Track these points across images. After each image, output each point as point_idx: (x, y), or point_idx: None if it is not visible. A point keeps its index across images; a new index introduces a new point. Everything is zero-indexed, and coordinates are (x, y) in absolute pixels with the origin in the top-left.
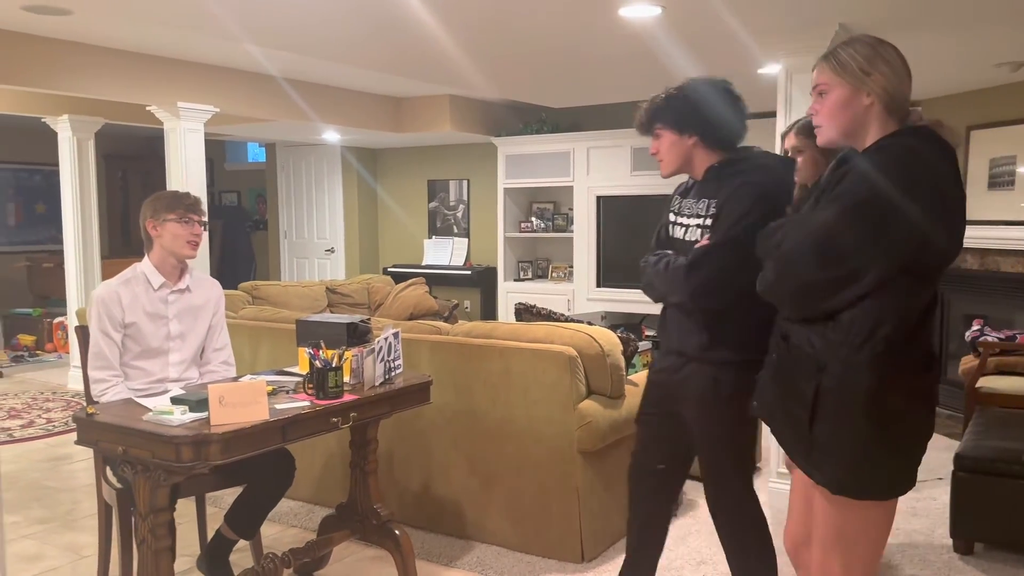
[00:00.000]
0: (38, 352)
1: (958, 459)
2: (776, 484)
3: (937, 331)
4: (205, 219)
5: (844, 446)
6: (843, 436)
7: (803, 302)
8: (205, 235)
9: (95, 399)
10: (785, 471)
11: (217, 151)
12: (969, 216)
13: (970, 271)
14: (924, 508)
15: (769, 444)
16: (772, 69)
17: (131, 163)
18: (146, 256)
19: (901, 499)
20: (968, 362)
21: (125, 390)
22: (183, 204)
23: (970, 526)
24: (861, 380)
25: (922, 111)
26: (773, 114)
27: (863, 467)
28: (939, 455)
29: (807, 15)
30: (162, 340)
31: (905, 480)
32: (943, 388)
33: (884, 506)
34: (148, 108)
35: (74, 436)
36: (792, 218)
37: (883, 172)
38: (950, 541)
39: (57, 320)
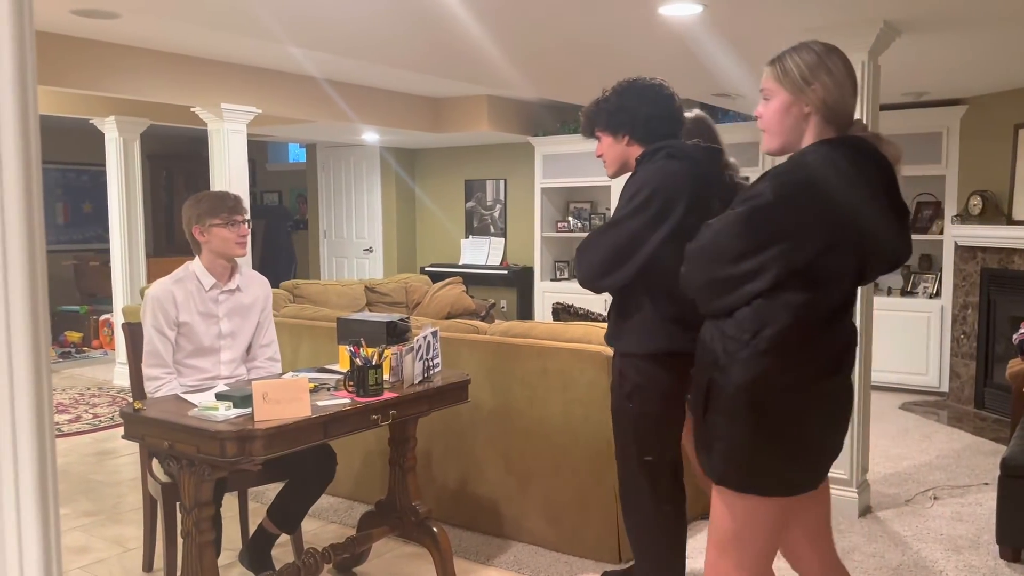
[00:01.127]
0: (85, 349)
1: (1005, 464)
2: None
3: (844, 336)
4: (248, 216)
5: (727, 438)
6: (727, 428)
7: (708, 296)
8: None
9: (149, 395)
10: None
11: (259, 151)
12: (1018, 216)
13: (1018, 272)
14: (969, 514)
15: None
16: None
17: (175, 163)
18: (196, 258)
19: (946, 504)
20: (1016, 365)
21: (178, 387)
22: (226, 207)
23: (1017, 532)
24: (740, 374)
25: (867, 124)
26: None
27: (743, 461)
28: (985, 460)
29: (851, 12)
30: (213, 339)
31: (791, 483)
32: (989, 392)
33: (771, 504)
34: (192, 109)
35: (120, 431)
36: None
37: (794, 181)
38: (996, 547)
39: (103, 317)
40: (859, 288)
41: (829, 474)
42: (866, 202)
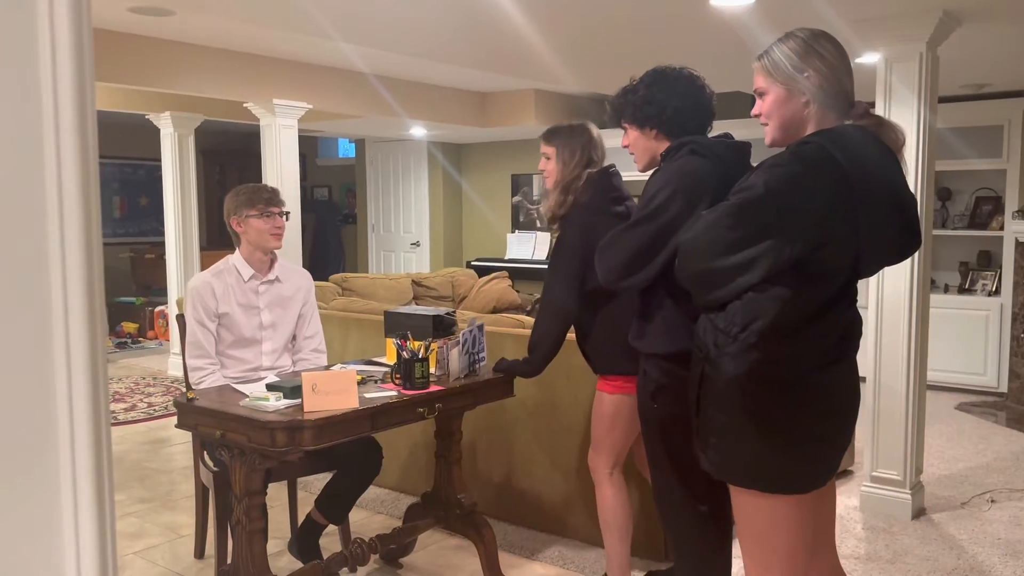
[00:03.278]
0: (140, 339)
1: None
2: (869, 488)
3: (842, 328)
4: (286, 208)
5: (719, 432)
6: (718, 422)
7: (701, 289)
8: (297, 225)
9: (193, 386)
10: (880, 475)
11: (309, 147)
12: None
13: None
14: None
15: (863, 447)
16: (871, 58)
17: (228, 158)
18: (236, 250)
19: (1004, 507)
20: None
21: (221, 378)
22: (262, 199)
23: None
24: (730, 368)
25: (868, 105)
26: (872, 105)
27: (737, 455)
28: None
29: (909, 2)
30: (255, 330)
31: (793, 478)
32: None
33: (783, 502)
34: (245, 105)
35: (173, 420)
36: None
37: (787, 174)
38: None
39: (158, 308)
40: (866, 278)
41: (880, 474)
42: (864, 195)
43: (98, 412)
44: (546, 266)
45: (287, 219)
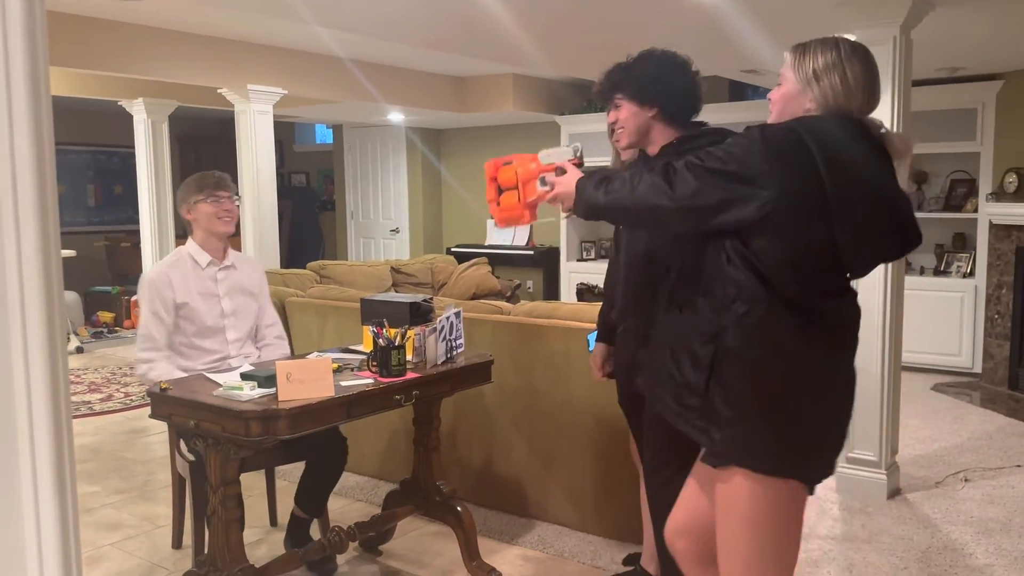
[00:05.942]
0: (116, 328)
1: None
2: (844, 469)
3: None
4: (235, 194)
5: (733, 409)
6: (734, 401)
7: (701, 213)
8: (273, 212)
9: (140, 378)
10: (855, 456)
11: (286, 133)
12: None
13: None
14: (1001, 496)
15: None
16: None
17: (204, 145)
18: (189, 239)
19: (977, 486)
20: None
21: (172, 369)
22: (209, 184)
23: None
24: (747, 340)
25: (881, 123)
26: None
27: (746, 433)
28: (1019, 442)
29: None
30: (217, 318)
31: (791, 464)
32: None
33: (779, 486)
34: (219, 91)
35: (150, 410)
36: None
37: (782, 131)
38: None
39: (135, 298)
40: (865, 272)
41: (856, 455)
42: (839, 184)
43: (58, 403)
44: (530, 253)
45: (238, 204)
